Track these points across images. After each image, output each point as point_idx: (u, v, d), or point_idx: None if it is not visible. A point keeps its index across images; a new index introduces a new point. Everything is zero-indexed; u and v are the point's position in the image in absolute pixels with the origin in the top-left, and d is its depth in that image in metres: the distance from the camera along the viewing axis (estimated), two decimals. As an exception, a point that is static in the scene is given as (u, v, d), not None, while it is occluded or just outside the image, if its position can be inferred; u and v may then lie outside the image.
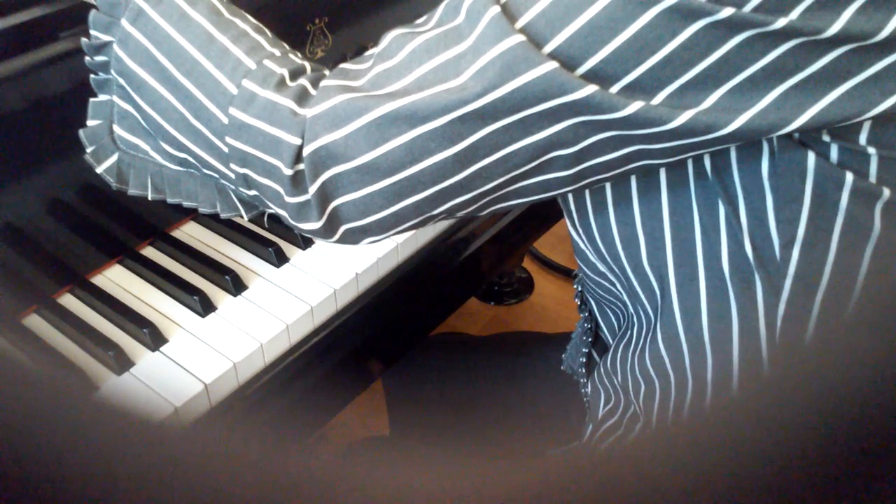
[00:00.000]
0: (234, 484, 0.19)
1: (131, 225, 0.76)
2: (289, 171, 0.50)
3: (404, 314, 0.80)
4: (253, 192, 0.54)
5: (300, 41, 0.81)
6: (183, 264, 0.76)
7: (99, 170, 0.59)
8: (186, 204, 0.60)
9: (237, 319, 0.69)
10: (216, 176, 0.57)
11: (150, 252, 0.77)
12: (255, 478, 0.19)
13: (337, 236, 0.53)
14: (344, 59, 0.86)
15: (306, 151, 0.49)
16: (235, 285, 0.72)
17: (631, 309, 0.62)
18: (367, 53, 0.51)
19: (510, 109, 0.44)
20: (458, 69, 0.45)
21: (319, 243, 0.77)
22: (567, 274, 1.77)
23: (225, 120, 0.51)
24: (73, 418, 0.19)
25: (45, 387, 0.19)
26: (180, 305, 0.71)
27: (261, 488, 0.19)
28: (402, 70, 0.47)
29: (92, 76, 0.58)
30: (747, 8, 0.39)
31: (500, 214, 0.88)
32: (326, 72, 0.53)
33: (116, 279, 0.74)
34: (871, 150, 0.45)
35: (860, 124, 0.45)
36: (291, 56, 0.53)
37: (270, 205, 0.54)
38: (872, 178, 0.46)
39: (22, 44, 0.63)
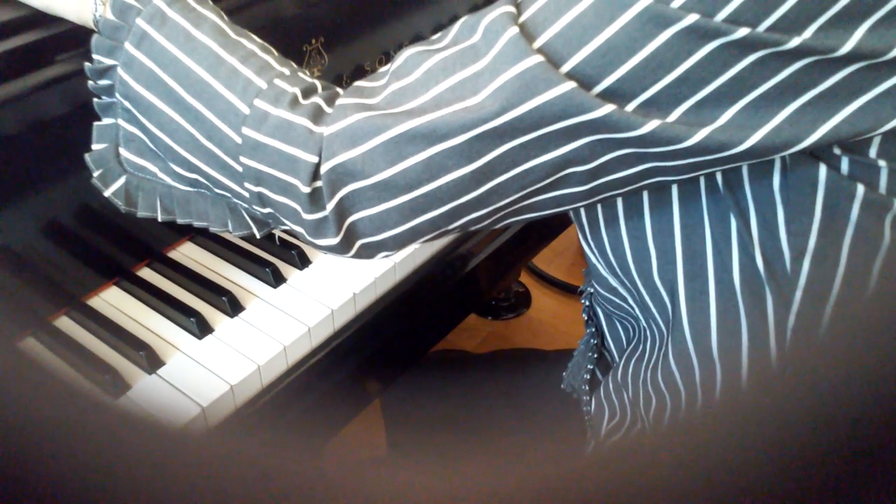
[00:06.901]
0: (239, 485, 0.19)
1: (127, 246, 0.76)
2: (306, 189, 0.50)
3: (402, 334, 0.79)
4: (268, 210, 0.54)
5: (297, 61, 0.81)
6: (180, 286, 0.75)
7: (107, 193, 0.59)
8: (197, 224, 0.60)
9: (234, 341, 0.69)
10: (228, 195, 0.56)
11: (146, 273, 0.77)
12: (260, 479, 0.19)
13: (353, 251, 0.53)
14: (340, 79, 0.87)
15: (324, 169, 0.49)
16: (232, 306, 0.72)
17: (643, 323, 0.62)
18: (382, 70, 0.51)
19: (528, 128, 0.44)
20: (476, 88, 0.45)
21: (316, 263, 0.77)
22: (564, 288, 1.76)
23: (238, 140, 0.51)
24: (90, 423, 0.19)
25: (66, 393, 0.19)
26: (177, 327, 0.70)
27: (265, 488, 0.19)
28: (418, 88, 0.47)
29: (95, 100, 0.58)
30: (762, 28, 0.40)
31: (497, 231, 0.88)
32: (339, 90, 0.53)
33: (113, 301, 0.73)
34: (882, 163, 0.46)
35: (870, 138, 0.45)
36: (301, 75, 0.54)
37: (286, 222, 0.54)
38: (882, 190, 0.47)
39: (19, 67, 0.63)
